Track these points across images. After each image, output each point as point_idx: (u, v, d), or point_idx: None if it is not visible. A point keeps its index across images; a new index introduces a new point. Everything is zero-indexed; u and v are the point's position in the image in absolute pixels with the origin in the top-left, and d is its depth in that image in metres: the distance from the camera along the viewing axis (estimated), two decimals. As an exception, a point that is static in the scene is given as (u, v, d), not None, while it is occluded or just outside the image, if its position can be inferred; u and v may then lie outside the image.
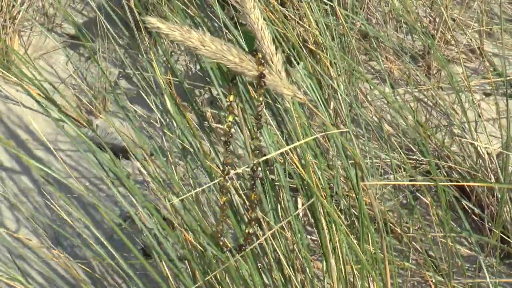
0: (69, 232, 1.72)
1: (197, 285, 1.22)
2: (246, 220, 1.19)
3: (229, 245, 1.11)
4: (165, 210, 1.57)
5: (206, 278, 1.17)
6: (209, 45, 0.93)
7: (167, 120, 1.37)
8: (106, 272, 1.63)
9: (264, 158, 1.02)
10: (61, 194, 1.14)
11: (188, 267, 1.32)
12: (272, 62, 0.99)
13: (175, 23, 0.92)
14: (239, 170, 1.12)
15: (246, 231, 1.03)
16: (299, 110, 1.14)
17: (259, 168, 1.01)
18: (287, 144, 1.26)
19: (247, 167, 1.05)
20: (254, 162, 0.99)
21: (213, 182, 1.09)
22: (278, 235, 1.21)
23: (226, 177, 1.02)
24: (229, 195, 1.16)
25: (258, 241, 1.11)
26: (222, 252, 1.08)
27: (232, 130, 1.03)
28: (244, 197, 1.23)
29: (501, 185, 1.60)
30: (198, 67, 2.04)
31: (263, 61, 0.96)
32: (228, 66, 0.96)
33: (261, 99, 0.97)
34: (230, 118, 0.99)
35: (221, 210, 1.03)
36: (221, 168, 1.02)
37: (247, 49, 1.30)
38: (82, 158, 1.89)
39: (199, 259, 1.24)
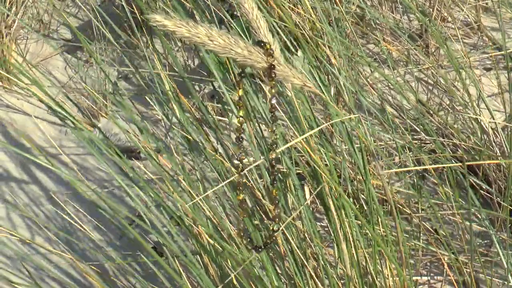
0: (80, 236, 1.72)
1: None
2: (259, 215, 1.19)
3: (245, 242, 1.10)
4: (174, 207, 1.57)
5: (226, 280, 1.17)
6: (217, 40, 0.91)
7: (170, 116, 1.37)
8: (119, 273, 1.63)
9: (280, 149, 1.01)
10: (70, 196, 1.14)
11: (201, 263, 1.32)
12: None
13: (181, 20, 0.91)
14: (253, 165, 1.10)
15: (271, 228, 1.02)
16: (303, 97, 1.14)
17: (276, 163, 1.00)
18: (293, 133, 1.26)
19: (261, 161, 1.03)
20: (273, 156, 0.97)
21: (228, 180, 1.08)
22: (289, 225, 1.22)
23: (241, 173, 1.00)
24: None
25: (279, 231, 1.10)
26: (246, 250, 1.07)
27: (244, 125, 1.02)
28: (259, 192, 1.23)
29: (509, 160, 1.60)
30: (196, 62, 2.04)
31: (272, 52, 0.94)
32: (237, 60, 0.94)
33: (273, 91, 0.95)
34: (241, 113, 0.97)
35: (240, 208, 1.01)
36: (235, 165, 1.00)
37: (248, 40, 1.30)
38: (87, 161, 1.89)
39: (212, 253, 1.24)
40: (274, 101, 0.97)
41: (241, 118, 0.97)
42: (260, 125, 1.24)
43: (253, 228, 1.15)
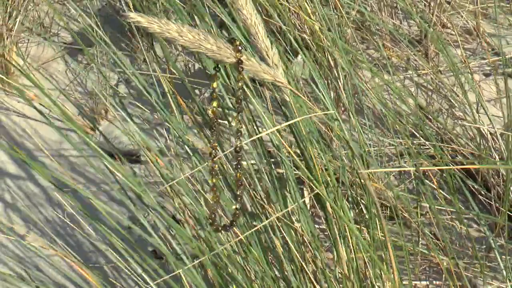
0: (80, 238, 1.73)
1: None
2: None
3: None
4: (173, 209, 1.58)
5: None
6: (187, 35, 0.96)
7: (169, 119, 1.37)
8: (119, 276, 1.64)
9: (249, 140, 1.04)
10: (70, 199, 1.14)
11: (200, 265, 1.33)
12: (268, 56, 1.00)
13: (154, 16, 0.96)
14: (225, 153, 1.16)
15: (233, 207, 1.07)
16: (300, 100, 1.15)
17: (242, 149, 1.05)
18: (293, 134, 1.27)
19: (229, 151, 1.08)
20: (238, 144, 1.03)
21: (203, 165, 1.12)
22: (287, 227, 1.22)
23: (214, 160, 1.05)
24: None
25: (261, 225, 1.12)
26: (216, 231, 1.11)
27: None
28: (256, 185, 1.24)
29: (507, 166, 1.60)
30: (197, 67, 2.05)
31: (240, 48, 0.98)
32: (207, 55, 0.99)
33: (240, 84, 1.00)
34: (215, 104, 1.03)
35: (212, 192, 1.06)
36: (209, 151, 1.06)
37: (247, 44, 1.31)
38: (87, 164, 1.90)
39: (209, 254, 1.25)
40: (239, 93, 1.01)
41: (214, 109, 1.02)
42: (259, 128, 1.25)
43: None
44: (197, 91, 1.98)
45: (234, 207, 1.09)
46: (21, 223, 1.78)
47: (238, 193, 1.08)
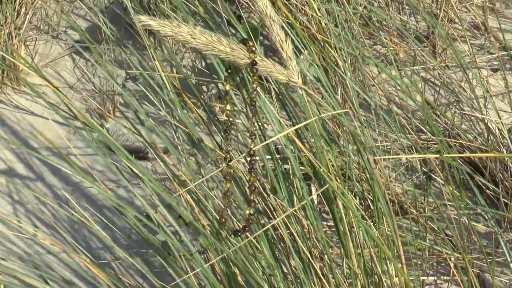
0: (87, 235, 1.73)
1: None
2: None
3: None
4: (181, 206, 1.58)
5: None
6: (199, 38, 0.95)
7: (177, 117, 1.38)
8: (127, 272, 1.64)
9: (264, 144, 1.04)
10: (78, 195, 1.15)
11: (207, 261, 1.33)
12: (283, 49, 1.00)
13: (165, 19, 0.94)
14: (240, 156, 1.14)
15: (247, 212, 1.06)
16: (308, 99, 1.15)
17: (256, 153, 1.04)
18: (297, 133, 1.27)
19: (244, 154, 1.07)
20: (252, 147, 1.02)
21: (217, 171, 1.11)
22: (294, 223, 1.22)
23: (229, 164, 1.04)
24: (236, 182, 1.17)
25: (271, 224, 1.12)
26: (228, 235, 1.11)
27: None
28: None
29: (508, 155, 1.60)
30: (204, 64, 2.05)
31: (254, 49, 0.98)
32: (220, 57, 0.98)
33: (254, 85, 0.99)
34: (228, 107, 1.02)
35: (225, 197, 1.06)
36: (224, 156, 1.05)
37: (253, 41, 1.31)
38: (95, 161, 1.90)
39: (217, 250, 1.25)
40: (254, 95, 1.01)
41: (228, 112, 1.01)
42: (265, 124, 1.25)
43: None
44: (204, 88, 1.98)
45: (248, 212, 1.07)
46: (30, 221, 1.79)
47: (251, 198, 1.06)
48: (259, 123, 1.24)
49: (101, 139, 1.88)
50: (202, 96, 1.81)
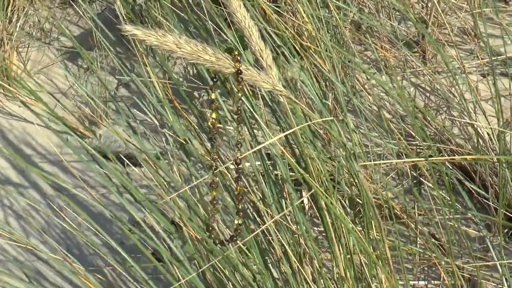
0: (79, 242, 1.74)
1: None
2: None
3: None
4: (171, 213, 1.59)
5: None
6: (185, 47, 0.96)
7: (169, 124, 1.38)
8: (119, 279, 1.65)
9: (249, 152, 1.05)
10: (70, 202, 1.16)
11: (198, 268, 1.34)
12: (263, 58, 1.01)
13: (151, 29, 0.95)
14: (226, 165, 1.15)
15: (235, 222, 1.07)
16: (296, 107, 1.16)
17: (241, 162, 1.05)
18: (287, 140, 1.28)
19: (230, 163, 1.08)
20: (238, 156, 1.03)
21: (202, 179, 1.12)
22: (284, 229, 1.23)
23: (214, 172, 1.05)
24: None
25: (260, 230, 1.13)
26: (214, 244, 1.11)
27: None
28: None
29: (498, 157, 1.61)
30: (195, 70, 2.06)
31: (239, 58, 0.99)
32: (205, 66, 0.99)
33: (239, 94, 1.00)
34: (214, 115, 1.03)
35: (212, 205, 1.06)
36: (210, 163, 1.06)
37: (241, 49, 1.32)
38: (87, 169, 1.91)
39: (207, 258, 1.26)
40: (239, 104, 1.02)
41: (213, 120, 1.02)
42: (255, 130, 1.26)
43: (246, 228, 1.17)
44: (196, 94, 1.99)
45: (236, 222, 1.08)
46: (21, 228, 1.80)
47: (239, 207, 1.07)
48: (249, 130, 1.25)
49: (93, 146, 1.89)
50: (193, 102, 1.82)
